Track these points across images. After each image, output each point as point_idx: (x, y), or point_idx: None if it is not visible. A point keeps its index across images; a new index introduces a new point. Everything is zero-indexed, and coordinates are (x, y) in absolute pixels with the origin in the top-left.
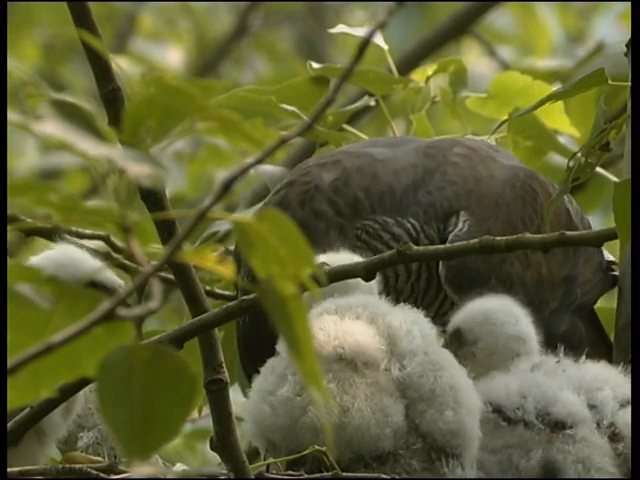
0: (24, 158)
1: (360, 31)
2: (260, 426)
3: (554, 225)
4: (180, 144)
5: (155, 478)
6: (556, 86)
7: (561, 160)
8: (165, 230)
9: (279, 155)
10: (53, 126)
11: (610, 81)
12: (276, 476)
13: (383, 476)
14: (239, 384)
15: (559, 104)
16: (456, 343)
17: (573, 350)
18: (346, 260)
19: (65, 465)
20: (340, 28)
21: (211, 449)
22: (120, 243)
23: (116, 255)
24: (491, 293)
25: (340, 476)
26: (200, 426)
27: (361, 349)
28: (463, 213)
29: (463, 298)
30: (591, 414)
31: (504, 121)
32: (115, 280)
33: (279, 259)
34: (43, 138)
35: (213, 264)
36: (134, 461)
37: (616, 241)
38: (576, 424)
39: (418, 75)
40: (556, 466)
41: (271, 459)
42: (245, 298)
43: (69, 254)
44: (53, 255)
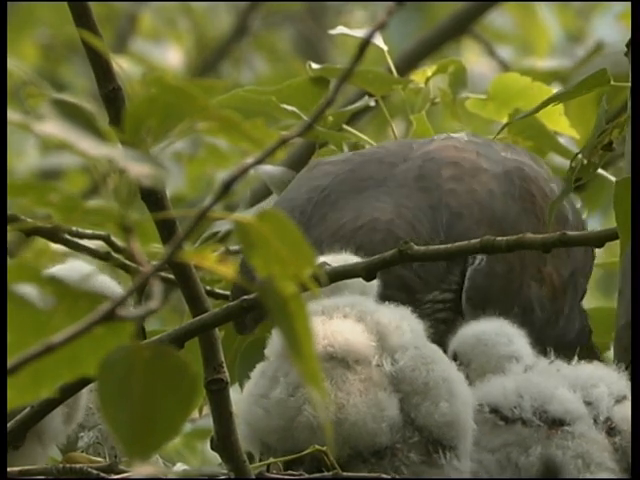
0: (24, 158)
1: (360, 32)
2: (254, 429)
3: (553, 226)
4: (179, 144)
5: (155, 478)
6: (556, 86)
7: (561, 161)
8: (165, 230)
9: (279, 155)
10: (54, 126)
11: (610, 79)
12: (276, 476)
13: (384, 476)
14: (239, 384)
15: (559, 106)
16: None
17: (585, 347)
18: (342, 261)
19: (65, 465)
20: (340, 29)
21: (211, 449)
22: (120, 243)
23: (116, 255)
24: (513, 320)
25: (341, 476)
26: (200, 425)
27: (351, 347)
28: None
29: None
30: (587, 410)
31: (506, 124)
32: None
33: (280, 259)
34: (43, 138)
35: (214, 264)
36: (134, 461)
37: (616, 241)
38: (573, 420)
39: (418, 76)
40: (556, 465)
41: (272, 459)
42: (246, 298)
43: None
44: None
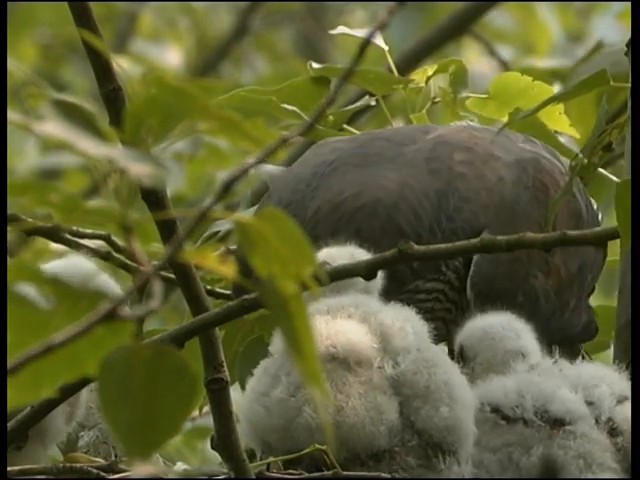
0: (24, 158)
1: (360, 32)
2: (254, 427)
3: (566, 222)
4: (179, 144)
5: (155, 478)
6: (556, 85)
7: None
8: (166, 230)
9: (280, 155)
10: (54, 126)
11: (610, 79)
12: (276, 475)
13: (383, 475)
14: (240, 383)
15: (559, 105)
16: (460, 360)
17: (590, 340)
18: (348, 254)
19: (66, 464)
20: (340, 29)
21: (212, 448)
22: (121, 243)
23: (117, 255)
24: (517, 310)
25: (340, 475)
26: (200, 424)
27: (353, 348)
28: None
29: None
30: (589, 410)
31: (506, 124)
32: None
33: (280, 258)
34: (43, 138)
35: (214, 264)
36: (134, 460)
37: (616, 242)
38: (575, 420)
39: (418, 75)
40: (556, 465)
41: (271, 458)
42: (246, 297)
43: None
44: (60, 265)
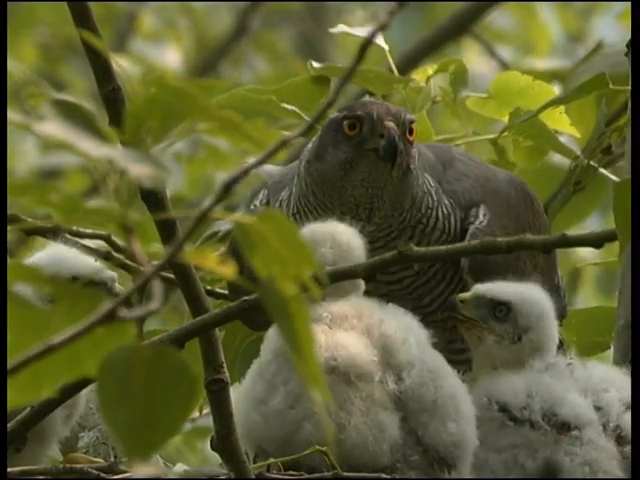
0: (24, 158)
1: (361, 31)
2: (251, 434)
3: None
4: (179, 145)
5: (155, 478)
6: (556, 86)
7: (561, 160)
8: (166, 230)
9: (280, 155)
10: (54, 126)
11: (609, 80)
12: (276, 476)
13: (383, 476)
14: (240, 383)
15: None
16: (485, 312)
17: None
18: (331, 229)
19: (66, 465)
20: (341, 28)
21: (212, 449)
22: (121, 243)
23: (117, 255)
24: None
25: (340, 476)
26: (200, 425)
27: (354, 361)
28: (483, 207)
29: None
30: (597, 416)
31: (508, 125)
32: (107, 273)
33: (280, 259)
34: (43, 138)
35: (214, 264)
36: (134, 461)
37: (616, 242)
38: (583, 426)
39: (419, 75)
40: (557, 466)
41: (272, 459)
42: (246, 298)
43: (61, 253)
44: (46, 254)
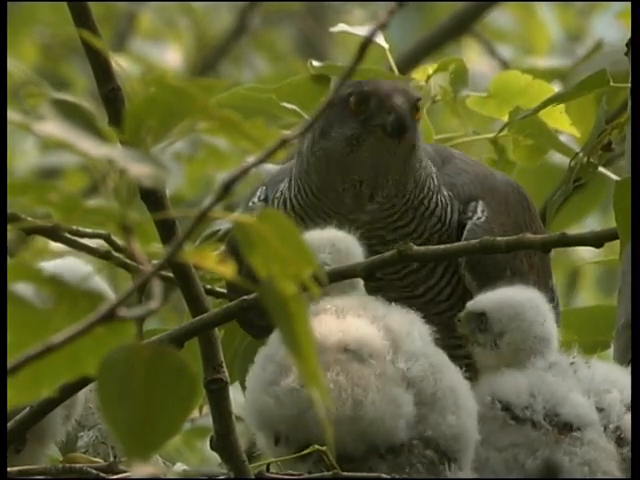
0: (24, 158)
1: (361, 30)
2: (264, 417)
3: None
4: (179, 144)
5: (155, 478)
6: (556, 85)
7: (561, 159)
8: (165, 230)
9: (280, 155)
10: (54, 126)
11: (610, 79)
12: (276, 476)
13: (383, 476)
14: (239, 383)
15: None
16: (473, 326)
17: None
18: (331, 236)
19: (65, 465)
20: (341, 27)
21: (211, 448)
22: (121, 242)
23: (117, 254)
24: (505, 283)
25: (340, 476)
26: (200, 424)
27: (365, 340)
28: (482, 203)
29: (480, 286)
30: (599, 417)
31: (507, 123)
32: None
33: (280, 259)
34: (43, 138)
35: (213, 263)
36: (134, 461)
37: (616, 241)
38: (584, 427)
39: (419, 74)
40: (557, 466)
41: (271, 458)
42: (245, 298)
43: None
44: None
